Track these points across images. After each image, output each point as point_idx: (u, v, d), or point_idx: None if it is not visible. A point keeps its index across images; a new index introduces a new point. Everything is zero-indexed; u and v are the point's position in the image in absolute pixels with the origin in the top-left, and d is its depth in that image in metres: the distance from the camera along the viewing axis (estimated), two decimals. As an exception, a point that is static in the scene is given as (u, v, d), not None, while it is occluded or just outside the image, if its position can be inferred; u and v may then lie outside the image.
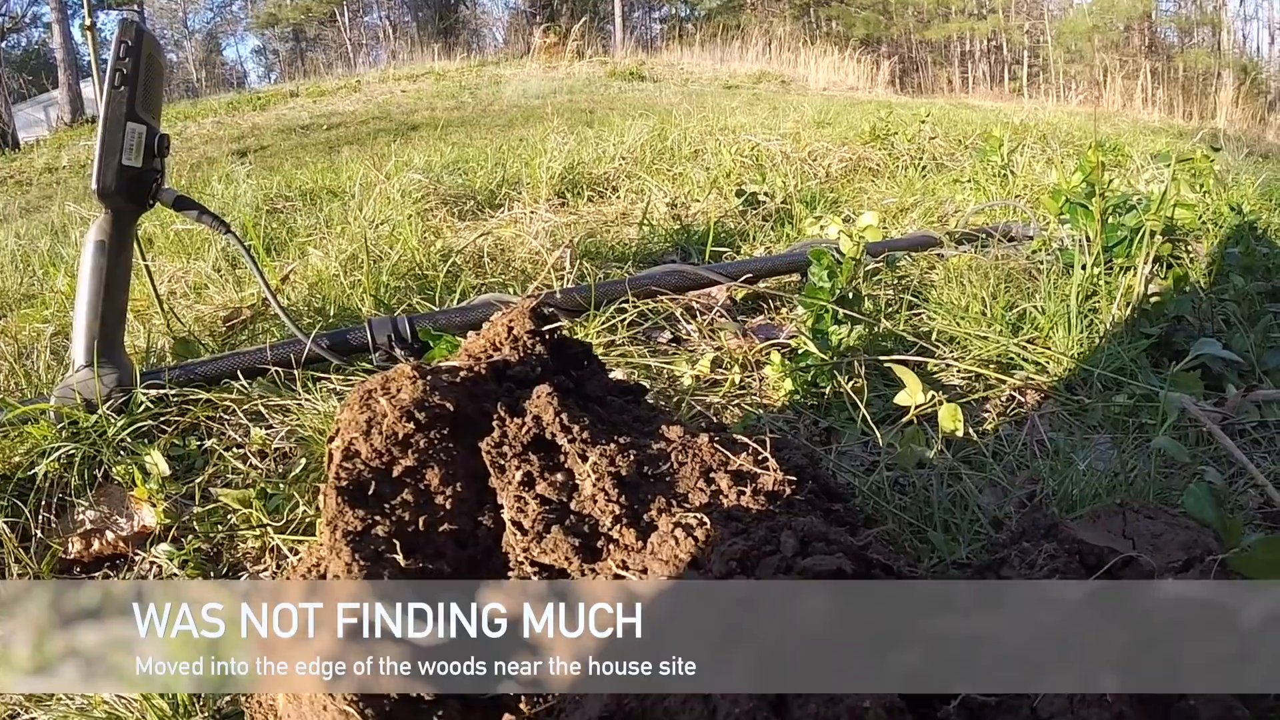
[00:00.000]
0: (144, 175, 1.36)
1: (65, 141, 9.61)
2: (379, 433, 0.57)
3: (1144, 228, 1.71)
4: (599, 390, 0.68)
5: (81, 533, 1.16)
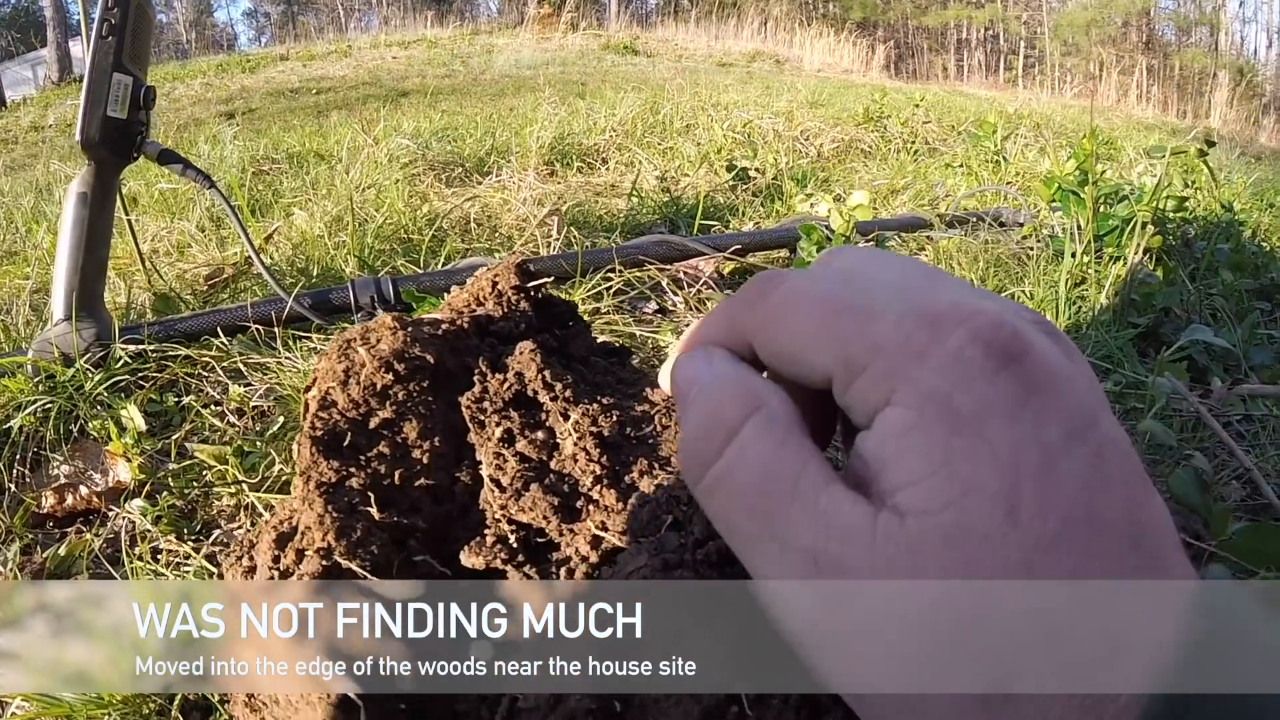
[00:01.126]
0: (129, 127, 1.34)
1: (52, 100, 9.51)
2: (357, 383, 0.55)
3: (1135, 218, 1.71)
4: (583, 350, 0.66)
5: (55, 487, 1.15)
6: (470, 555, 0.52)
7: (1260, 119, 16.47)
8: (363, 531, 0.50)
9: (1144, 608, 0.27)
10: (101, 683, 0.76)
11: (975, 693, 0.27)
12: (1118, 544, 0.28)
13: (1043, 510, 0.27)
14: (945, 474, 0.28)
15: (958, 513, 0.27)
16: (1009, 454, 0.27)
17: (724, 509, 0.31)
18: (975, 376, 0.28)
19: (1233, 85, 16.79)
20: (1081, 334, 1.53)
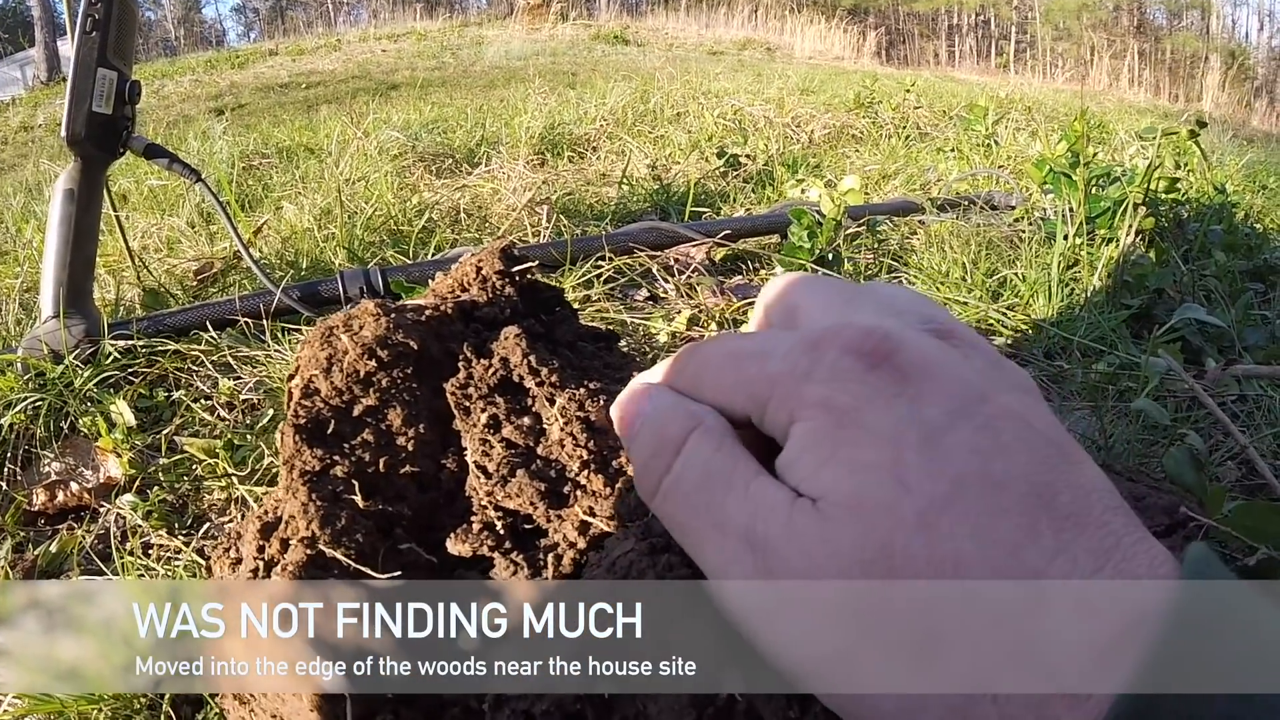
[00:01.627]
0: (114, 122, 1.34)
1: (41, 100, 9.48)
2: (339, 370, 0.54)
3: (1128, 200, 1.70)
4: (570, 335, 0.65)
5: (46, 484, 1.14)
6: (456, 543, 0.51)
7: (1252, 102, 16.48)
8: (347, 520, 0.49)
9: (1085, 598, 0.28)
10: (92, 679, 0.76)
11: (906, 640, 0.29)
12: (1023, 501, 0.29)
13: (931, 475, 0.29)
14: (835, 461, 0.30)
15: (853, 487, 0.30)
16: (888, 433, 0.30)
17: (675, 512, 0.35)
18: (850, 378, 0.31)
19: (1224, 69, 16.79)
20: (1074, 316, 1.53)
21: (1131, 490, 0.84)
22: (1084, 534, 0.29)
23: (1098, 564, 0.29)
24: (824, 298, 0.37)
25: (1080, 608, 0.27)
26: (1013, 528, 0.29)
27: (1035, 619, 0.28)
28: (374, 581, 0.46)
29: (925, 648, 0.29)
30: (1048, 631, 0.27)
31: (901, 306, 0.35)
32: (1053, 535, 0.29)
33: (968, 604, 0.28)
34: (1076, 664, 0.27)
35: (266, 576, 0.48)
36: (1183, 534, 0.78)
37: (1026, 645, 0.27)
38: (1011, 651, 0.28)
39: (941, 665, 0.28)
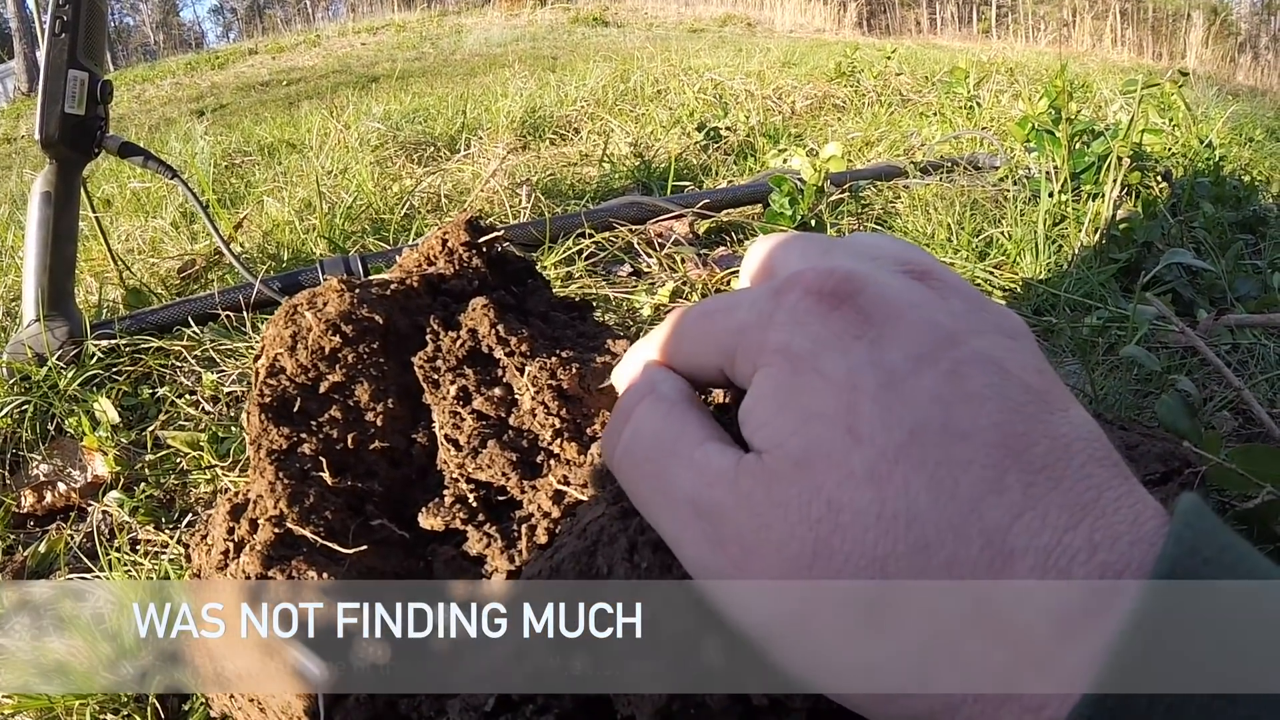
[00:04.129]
0: (88, 123, 1.33)
1: (23, 111, 9.42)
2: (304, 347, 0.54)
3: (1112, 154, 1.70)
4: (542, 306, 0.64)
5: (34, 486, 1.13)
6: (428, 517, 0.50)
7: (1236, 57, 16.43)
8: (315, 498, 0.48)
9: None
10: (79, 675, 0.75)
11: (856, 601, 0.27)
12: (990, 452, 0.27)
13: (886, 425, 0.28)
14: (789, 409, 0.30)
15: (802, 440, 0.29)
16: (844, 379, 0.29)
17: (628, 478, 0.35)
18: (809, 322, 0.30)
19: (1207, 25, 16.73)
20: (1062, 272, 1.52)
21: (1124, 439, 0.83)
22: (1059, 488, 0.27)
23: (1072, 520, 0.27)
24: (801, 250, 0.36)
25: (1046, 570, 0.26)
26: (975, 481, 0.27)
27: (995, 580, 0.26)
28: (342, 555, 0.45)
29: (876, 609, 0.27)
30: (1010, 596, 0.26)
31: (879, 252, 0.34)
32: (1021, 489, 0.27)
33: (921, 563, 0.27)
34: (1044, 630, 0.25)
35: (236, 558, 0.48)
36: (1178, 481, 0.78)
37: (987, 610, 0.26)
38: (971, 615, 0.26)
39: (895, 628, 0.27)
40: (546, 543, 0.48)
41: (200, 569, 0.53)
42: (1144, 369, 1.12)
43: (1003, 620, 0.26)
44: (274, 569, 0.45)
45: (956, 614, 0.26)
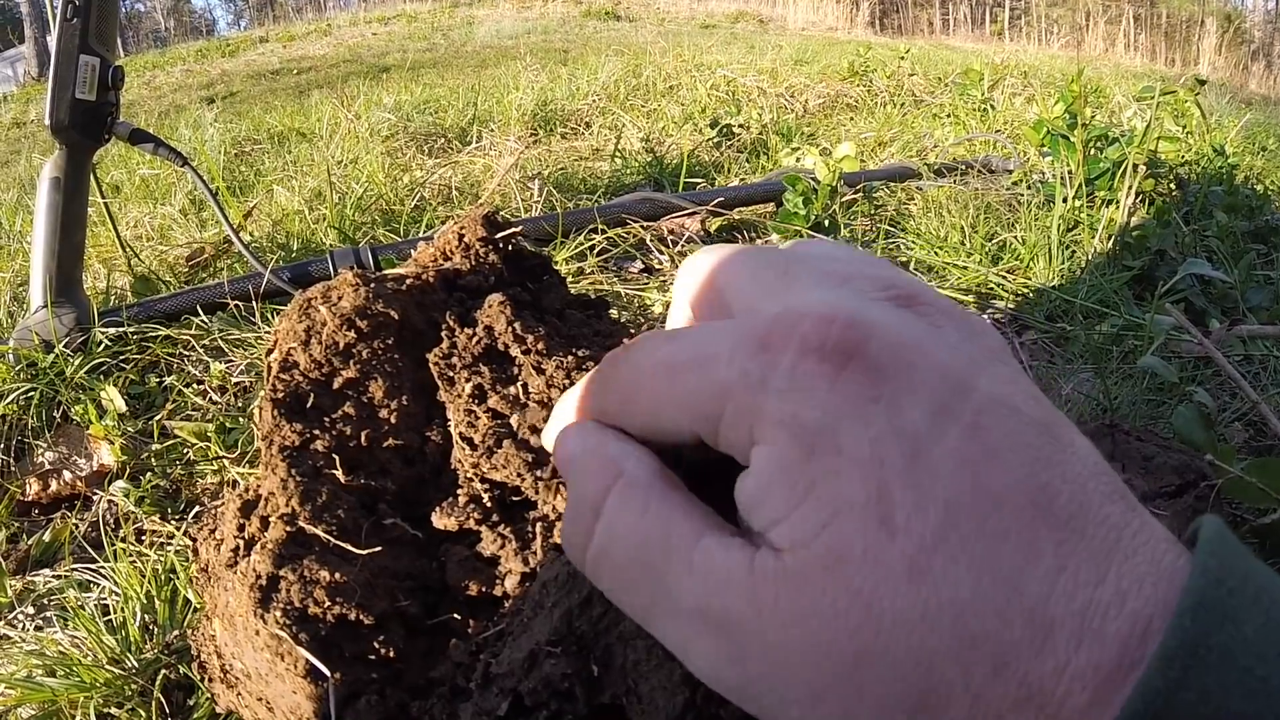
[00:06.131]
0: (98, 109, 1.32)
1: (33, 96, 9.42)
2: (318, 342, 0.53)
3: (1127, 160, 1.68)
4: (558, 303, 0.63)
5: (39, 474, 1.13)
6: (442, 516, 0.50)
7: (1249, 65, 16.37)
8: (328, 495, 0.48)
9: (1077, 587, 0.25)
10: (83, 667, 0.74)
11: (903, 708, 0.26)
12: (1022, 515, 0.26)
13: (919, 506, 0.26)
14: (811, 500, 0.26)
15: (831, 537, 0.26)
16: (869, 456, 0.26)
17: (611, 588, 0.30)
18: (816, 388, 0.27)
19: (1221, 32, 16.67)
20: (1075, 278, 1.51)
21: (1141, 450, 0.82)
22: (1084, 538, 0.26)
23: (1099, 572, 0.26)
24: (753, 273, 0.32)
25: (1083, 636, 0.25)
26: (1012, 552, 0.26)
27: (1039, 660, 0.25)
28: (354, 555, 0.45)
29: (923, 708, 0.26)
30: (1051, 671, 0.25)
31: (845, 270, 0.31)
32: (1053, 549, 0.26)
33: (968, 657, 0.25)
34: (1078, 699, 0.24)
35: (247, 555, 0.47)
36: (1194, 494, 0.77)
37: (1029, 691, 0.25)
38: (1014, 701, 0.25)
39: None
40: (562, 545, 0.48)
41: (208, 564, 0.52)
42: (1159, 378, 1.11)
43: (1045, 697, 0.25)
44: (285, 568, 0.45)
45: (1002, 697, 0.25)
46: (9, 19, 18.53)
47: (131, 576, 0.85)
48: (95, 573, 0.91)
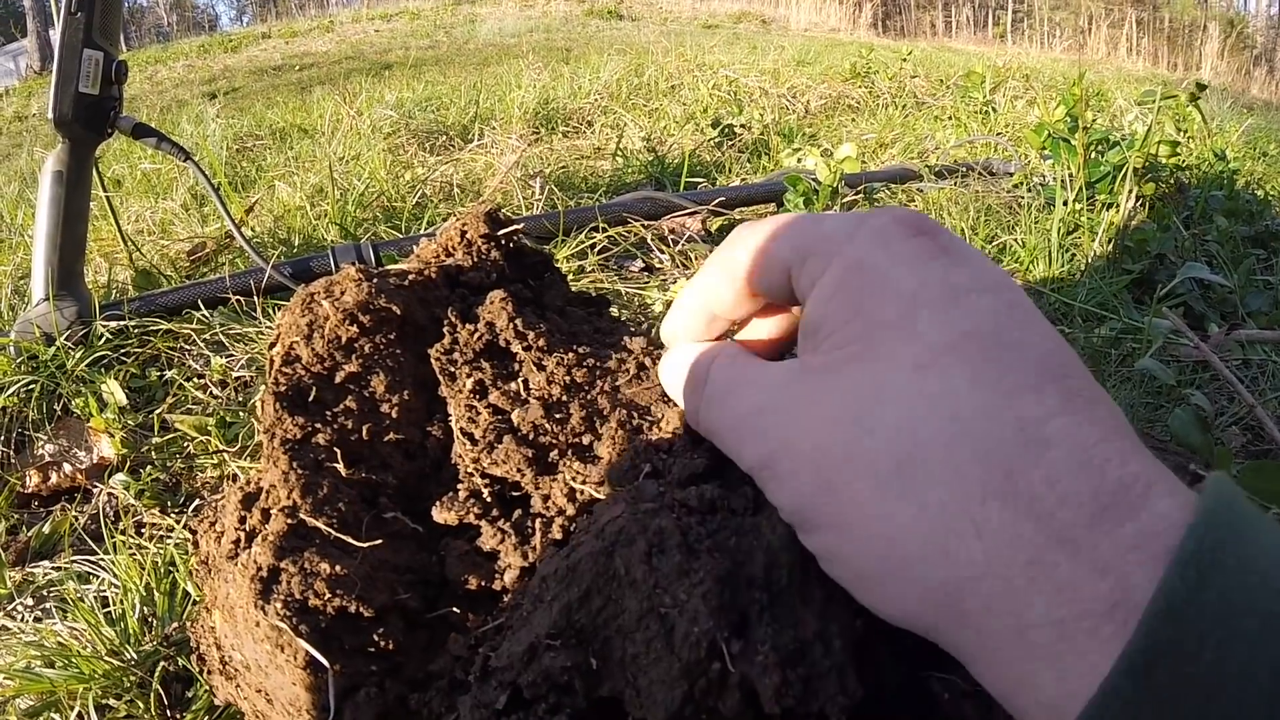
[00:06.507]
0: (102, 103, 1.32)
1: (35, 89, 9.42)
2: (321, 336, 0.53)
3: (1127, 164, 1.69)
4: (559, 301, 0.64)
5: (39, 466, 1.13)
6: (442, 511, 0.50)
7: (1251, 70, 16.38)
8: (329, 488, 0.48)
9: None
10: (82, 658, 0.75)
11: (883, 467, 0.29)
12: (1032, 365, 0.29)
13: (940, 326, 0.30)
14: (857, 319, 0.32)
15: (862, 342, 0.31)
16: (911, 291, 0.31)
17: (711, 423, 0.39)
18: (890, 241, 0.32)
19: (1223, 37, 16.67)
20: (1075, 281, 1.51)
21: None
22: (1095, 409, 0.28)
23: (1106, 435, 0.27)
24: (820, 217, 0.37)
25: (1079, 465, 0.26)
26: (1015, 381, 0.28)
27: (1028, 463, 0.26)
28: (355, 547, 0.45)
29: (905, 468, 0.28)
30: (1041, 478, 0.26)
31: None
32: (1060, 399, 0.28)
33: (952, 435, 0.28)
34: (1074, 513, 0.25)
35: (248, 547, 0.47)
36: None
37: (1016, 484, 0.26)
38: (999, 489, 0.26)
39: (920, 488, 0.28)
40: (561, 540, 0.48)
41: (208, 556, 0.52)
42: (1157, 381, 1.11)
43: (1033, 496, 0.26)
44: (286, 560, 0.45)
45: (982, 482, 0.27)
46: (11, 12, 18.53)
47: (131, 569, 0.85)
48: (95, 565, 0.91)
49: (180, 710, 0.70)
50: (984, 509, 0.26)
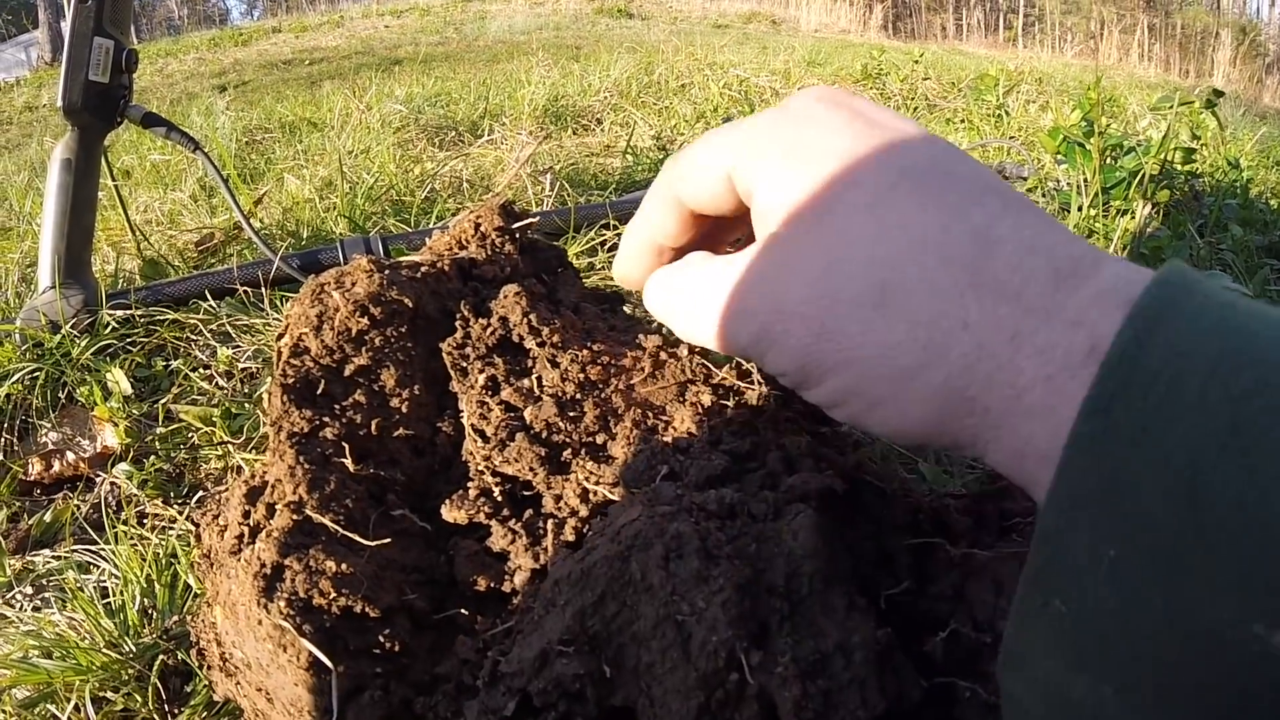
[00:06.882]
0: (111, 91, 1.31)
1: (46, 80, 9.44)
2: (330, 328, 0.52)
3: (1143, 170, 1.67)
4: (573, 296, 0.62)
5: (42, 454, 1.12)
6: (452, 509, 0.49)
7: (1264, 79, 16.34)
8: (336, 484, 0.47)
9: None
10: (80, 650, 0.74)
11: (867, 298, 0.31)
12: (972, 184, 0.32)
13: (880, 168, 0.33)
14: (803, 184, 0.34)
15: (813, 199, 0.34)
16: (846, 148, 0.34)
17: (699, 321, 0.39)
18: (817, 115, 0.35)
19: (1235, 44, 16.64)
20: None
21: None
22: (1031, 210, 0.32)
23: (1046, 226, 0.31)
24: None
25: (1029, 253, 0.30)
26: (958, 197, 0.32)
27: (987, 258, 0.30)
28: (362, 546, 0.44)
29: (888, 291, 0.31)
30: (1003, 266, 0.30)
31: None
32: (999, 204, 0.32)
33: (919, 254, 0.31)
34: (1039, 287, 0.29)
35: (251, 543, 0.46)
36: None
37: (983, 277, 0.30)
38: (970, 284, 0.30)
39: (906, 306, 0.31)
40: (574, 542, 0.47)
41: (211, 550, 0.51)
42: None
43: (1000, 283, 0.29)
44: (290, 557, 0.44)
45: (957, 285, 0.30)
46: (22, 3, 18.58)
47: (132, 560, 0.84)
48: (95, 555, 0.90)
49: (178, 705, 0.69)
50: (963, 305, 0.30)
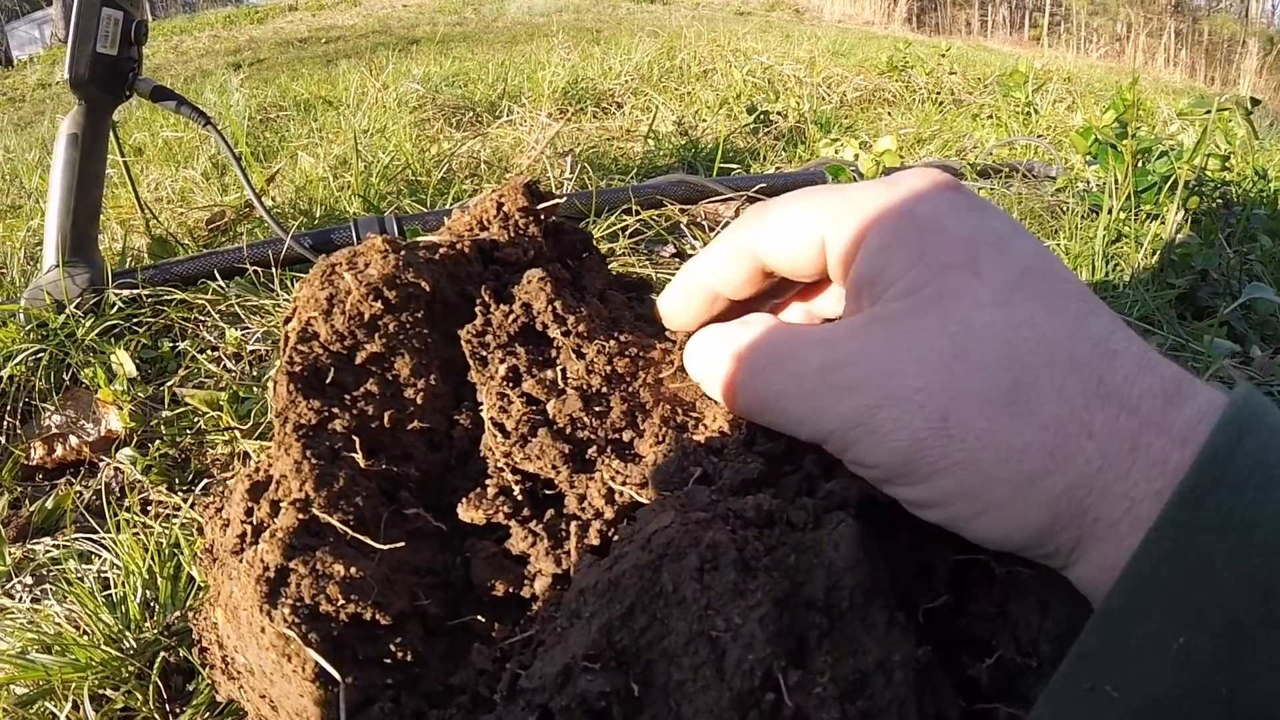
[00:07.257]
0: (120, 64, 1.29)
1: (59, 57, 9.42)
2: (341, 312, 0.48)
3: (1175, 175, 1.64)
4: (599, 283, 0.59)
5: (44, 438, 1.10)
6: (469, 508, 0.45)
7: (1291, 89, 16.19)
8: (345, 481, 0.43)
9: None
10: (80, 646, 0.71)
11: (995, 395, 0.31)
12: (1081, 293, 0.34)
13: (1003, 267, 0.34)
14: (923, 263, 0.34)
15: (937, 284, 0.34)
16: (968, 236, 0.34)
17: (763, 390, 0.39)
18: (928, 195, 0.36)
19: (1263, 54, 16.49)
20: (1119, 291, 1.46)
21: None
22: (1128, 328, 0.33)
23: (1146, 345, 0.33)
24: (852, 185, 0.39)
25: (1142, 366, 0.31)
26: (1077, 307, 0.33)
27: (1109, 369, 0.31)
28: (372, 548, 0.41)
29: (1015, 393, 0.31)
30: (1122, 379, 0.31)
31: None
32: (1109, 318, 0.33)
33: (1048, 355, 0.32)
34: (1152, 403, 0.31)
35: (254, 542, 0.43)
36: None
37: (1105, 387, 0.31)
38: (1094, 393, 0.31)
39: (1031, 408, 0.31)
40: (598, 546, 0.44)
41: (213, 545, 0.48)
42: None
43: (1121, 395, 0.31)
44: (296, 559, 0.40)
45: (1085, 393, 0.31)
46: (38, -19, 18.58)
47: (134, 549, 0.81)
48: (97, 544, 0.87)
49: (180, 704, 0.67)
50: (1089, 412, 0.31)
